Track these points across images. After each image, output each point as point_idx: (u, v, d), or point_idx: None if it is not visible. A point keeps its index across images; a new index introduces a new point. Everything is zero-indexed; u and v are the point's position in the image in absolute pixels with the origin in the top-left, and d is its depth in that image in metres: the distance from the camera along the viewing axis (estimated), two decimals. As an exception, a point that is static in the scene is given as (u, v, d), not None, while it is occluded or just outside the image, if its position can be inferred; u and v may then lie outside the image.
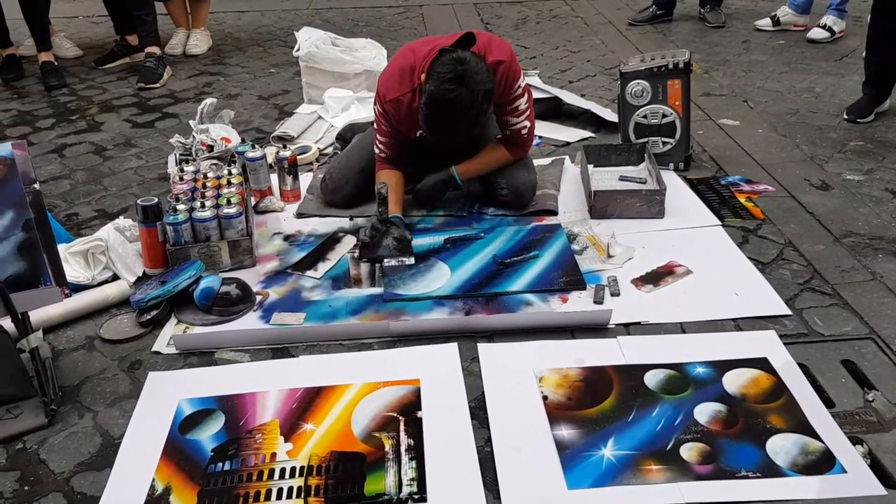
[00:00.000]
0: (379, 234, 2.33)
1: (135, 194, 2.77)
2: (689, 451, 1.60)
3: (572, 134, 3.21)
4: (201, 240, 2.27)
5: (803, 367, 1.83)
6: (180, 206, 2.28)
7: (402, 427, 1.69)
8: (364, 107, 3.32)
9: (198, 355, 1.97)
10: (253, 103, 3.71)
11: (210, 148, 2.83)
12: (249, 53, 4.52)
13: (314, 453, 1.64)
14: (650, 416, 1.70)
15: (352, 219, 2.57)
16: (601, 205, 2.51)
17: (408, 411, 1.74)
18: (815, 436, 1.63)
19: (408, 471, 1.58)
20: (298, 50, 3.42)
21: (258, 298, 2.16)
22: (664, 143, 2.81)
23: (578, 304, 2.10)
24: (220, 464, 1.62)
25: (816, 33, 4.32)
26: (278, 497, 1.53)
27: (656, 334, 1.98)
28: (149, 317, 2.07)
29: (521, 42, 4.52)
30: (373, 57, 3.51)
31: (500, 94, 2.33)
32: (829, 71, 3.88)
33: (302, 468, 1.60)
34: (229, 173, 2.54)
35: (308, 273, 2.28)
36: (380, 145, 2.48)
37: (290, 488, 1.55)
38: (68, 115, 3.63)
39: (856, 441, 1.62)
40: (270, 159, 2.80)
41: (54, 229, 1.98)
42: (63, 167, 3.08)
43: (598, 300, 2.10)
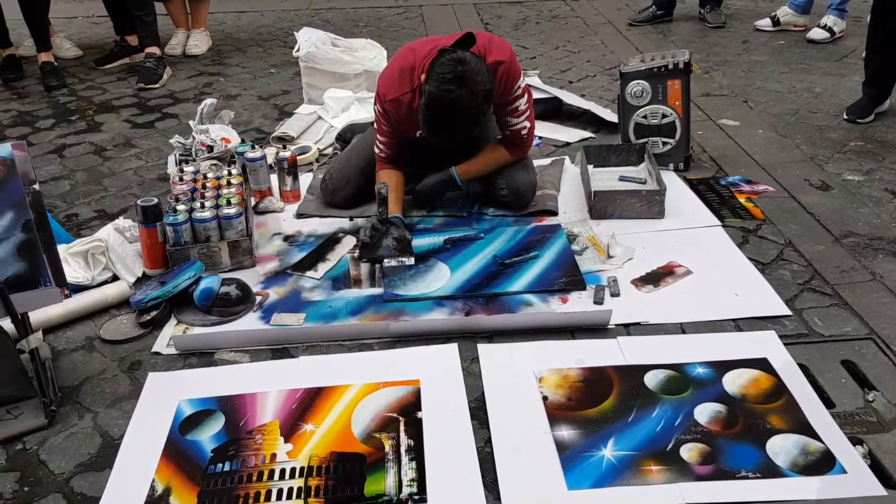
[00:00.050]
0: (379, 234, 2.33)
1: (135, 195, 2.77)
2: (690, 452, 1.60)
3: (572, 134, 3.21)
4: (201, 240, 2.27)
5: (803, 367, 1.83)
6: (180, 207, 2.28)
7: (402, 427, 1.69)
8: (364, 107, 3.32)
9: (198, 356, 1.97)
10: (253, 104, 3.70)
11: (210, 148, 2.83)
12: (249, 54, 4.52)
13: (314, 454, 1.64)
14: (650, 416, 1.70)
15: (352, 219, 2.57)
16: (601, 205, 2.51)
17: (408, 412, 1.74)
18: (816, 436, 1.62)
19: (408, 471, 1.58)
20: (298, 50, 3.42)
21: (258, 299, 2.16)
22: (664, 144, 2.81)
23: (578, 304, 2.10)
24: (220, 464, 1.62)
25: (816, 33, 4.32)
26: (278, 498, 1.53)
27: (656, 335, 1.98)
28: (149, 317, 2.07)
29: (520, 42, 4.52)
30: (373, 57, 3.51)
31: (500, 94, 2.33)
32: (829, 71, 3.88)
33: (302, 469, 1.60)
34: (229, 174, 2.54)
35: (308, 273, 2.28)
36: (380, 145, 2.48)
37: (290, 489, 1.55)
38: (68, 115, 3.63)
39: (856, 441, 1.62)
40: (270, 160, 2.80)
41: (54, 230, 1.97)
42: (63, 168, 3.08)
43: (598, 300, 2.10)
